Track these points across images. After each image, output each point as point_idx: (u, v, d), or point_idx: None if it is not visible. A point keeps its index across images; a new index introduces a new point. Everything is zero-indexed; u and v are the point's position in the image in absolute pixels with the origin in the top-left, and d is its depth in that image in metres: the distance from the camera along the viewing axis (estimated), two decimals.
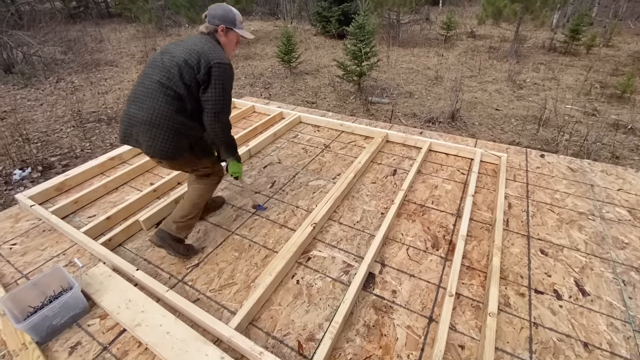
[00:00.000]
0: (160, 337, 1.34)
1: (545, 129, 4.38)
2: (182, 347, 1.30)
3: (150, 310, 1.44)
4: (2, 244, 1.92)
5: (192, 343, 1.31)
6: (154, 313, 1.43)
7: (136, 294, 1.52)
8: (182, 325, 1.38)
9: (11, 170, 3.70)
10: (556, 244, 1.82)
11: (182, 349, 1.29)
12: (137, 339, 1.38)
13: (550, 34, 9.13)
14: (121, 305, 1.48)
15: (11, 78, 7.12)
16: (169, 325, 1.38)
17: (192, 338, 1.33)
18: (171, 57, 1.49)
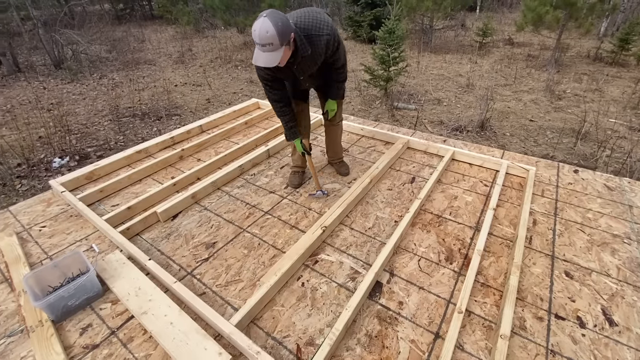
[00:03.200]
0: (164, 327, 1.37)
1: (584, 143, 4.09)
2: (182, 338, 1.32)
3: (157, 299, 1.48)
4: (33, 225, 2.05)
5: (192, 336, 1.33)
6: (161, 303, 1.46)
7: (146, 283, 1.57)
8: (186, 317, 1.41)
9: (52, 158, 3.98)
10: (584, 267, 1.68)
11: (183, 341, 1.31)
12: (143, 326, 1.42)
13: (597, 43, 8.56)
14: (131, 292, 1.53)
15: (60, 73, 7.69)
16: (173, 316, 1.41)
17: (193, 331, 1.35)
18: None
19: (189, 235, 1.95)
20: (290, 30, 1.56)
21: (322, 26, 1.71)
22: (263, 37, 1.48)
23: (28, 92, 6.50)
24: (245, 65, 8.28)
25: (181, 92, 6.46)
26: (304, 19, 1.71)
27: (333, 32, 1.75)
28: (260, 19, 1.50)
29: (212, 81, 7.11)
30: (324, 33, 1.72)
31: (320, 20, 1.72)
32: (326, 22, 1.73)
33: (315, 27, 1.70)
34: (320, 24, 1.71)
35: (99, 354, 1.34)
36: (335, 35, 1.77)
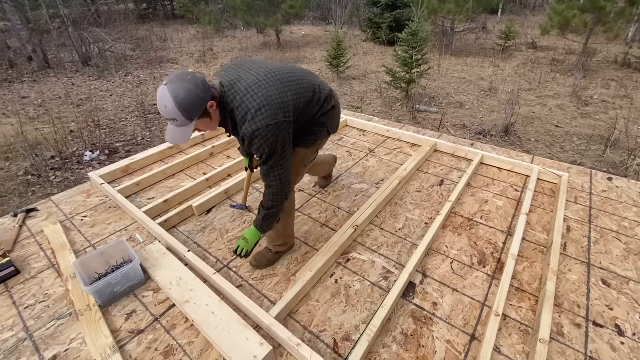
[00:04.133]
0: (206, 316, 1.42)
1: (613, 150, 3.99)
2: (225, 328, 1.37)
3: (198, 289, 1.54)
4: (75, 215, 2.15)
5: (234, 326, 1.38)
6: (202, 293, 1.52)
7: (186, 273, 1.63)
8: (226, 307, 1.45)
9: (83, 151, 4.13)
10: (621, 276, 1.66)
11: (225, 330, 1.36)
12: (185, 314, 1.47)
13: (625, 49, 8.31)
14: (173, 282, 1.59)
15: (87, 70, 7.96)
16: (214, 306, 1.46)
17: (234, 321, 1.39)
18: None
19: (223, 229, 2.00)
20: (204, 101, 1.17)
21: (257, 115, 1.21)
22: (163, 111, 1.15)
23: (58, 87, 6.76)
24: None
25: None
26: (246, 92, 1.24)
27: (269, 131, 1.22)
28: (161, 86, 1.15)
29: None
30: (254, 126, 1.21)
31: (263, 104, 1.22)
32: (270, 111, 1.22)
33: (244, 110, 1.22)
34: (257, 109, 1.21)
35: (144, 339, 1.40)
36: (269, 136, 1.22)
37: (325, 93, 1.50)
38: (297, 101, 1.34)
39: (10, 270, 1.68)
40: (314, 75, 1.53)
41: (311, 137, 1.54)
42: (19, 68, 8.04)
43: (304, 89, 1.39)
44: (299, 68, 1.49)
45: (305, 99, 1.39)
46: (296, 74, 1.40)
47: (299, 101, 1.35)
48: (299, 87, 1.37)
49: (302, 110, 1.39)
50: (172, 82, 1.15)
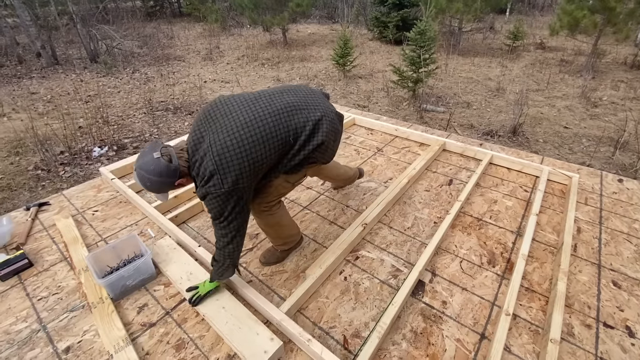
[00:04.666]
0: (216, 311, 1.44)
1: (622, 152, 3.95)
2: (235, 322, 1.38)
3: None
4: (86, 209, 2.17)
5: (244, 320, 1.39)
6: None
7: (197, 268, 1.64)
8: (237, 302, 1.47)
9: (92, 147, 4.17)
10: (632, 278, 1.65)
11: (236, 325, 1.37)
12: (196, 309, 1.49)
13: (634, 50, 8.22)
14: (183, 277, 1.61)
15: (95, 66, 8.02)
16: (224, 301, 1.47)
17: (245, 316, 1.41)
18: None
19: None
20: (171, 183, 1.25)
21: (208, 181, 1.20)
22: (144, 188, 1.26)
23: (66, 83, 6.82)
24: (272, 63, 8.40)
25: (210, 88, 6.62)
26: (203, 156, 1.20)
27: (215, 197, 1.21)
28: (134, 173, 1.24)
29: (240, 78, 7.25)
30: (203, 191, 1.23)
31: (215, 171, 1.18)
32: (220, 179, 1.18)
33: (200, 176, 1.22)
34: (209, 177, 1.19)
35: (156, 332, 1.42)
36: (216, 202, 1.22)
37: (307, 132, 1.33)
38: (258, 162, 1.24)
39: (24, 263, 1.70)
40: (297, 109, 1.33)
41: (295, 168, 1.39)
42: (27, 64, 8.12)
43: (272, 145, 1.26)
44: (280, 104, 1.30)
45: (272, 156, 1.29)
46: (268, 123, 1.25)
47: (261, 162, 1.25)
48: (265, 144, 1.24)
49: (270, 165, 1.32)
50: (138, 168, 1.21)
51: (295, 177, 1.46)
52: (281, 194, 1.53)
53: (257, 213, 1.54)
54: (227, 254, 1.34)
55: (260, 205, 1.50)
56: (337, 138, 1.48)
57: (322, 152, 1.40)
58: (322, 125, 1.36)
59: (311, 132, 1.34)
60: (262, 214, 1.54)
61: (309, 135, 1.34)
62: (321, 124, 1.36)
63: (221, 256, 1.36)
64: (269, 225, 1.60)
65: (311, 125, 1.34)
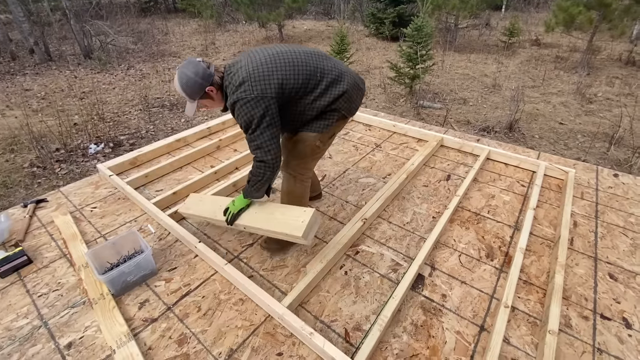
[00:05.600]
0: (252, 217, 1.62)
1: (617, 148, 4.00)
2: (269, 217, 1.56)
3: None
4: (84, 206, 2.16)
5: (276, 210, 1.59)
6: None
7: (225, 201, 1.78)
8: (264, 204, 1.66)
9: (88, 144, 4.13)
10: (628, 270, 1.68)
11: (269, 218, 1.56)
12: (197, 304, 1.49)
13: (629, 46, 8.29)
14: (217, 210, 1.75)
15: (89, 63, 7.92)
16: (255, 208, 1.66)
17: (274, 208, 1.61)
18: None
19: None
20: (202, 86, 1.37)
21: (238, 89, 1.34)
22: (177, 91, 1.42)
23: (60, 80, 6.74)
24: None
25: None
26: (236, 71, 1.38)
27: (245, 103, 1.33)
28: (176, 70, 1.41)
29: None
30: (233, 97, 1.36)
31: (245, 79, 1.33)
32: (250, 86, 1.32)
33: (231, 86, 1.38)
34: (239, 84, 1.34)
35: (158, 327, 1.42)
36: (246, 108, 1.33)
37: (332, 76, 1.46)
38: (286, 80, 1.38)
39: (23, 259, 1.69)
40: (326, 57, 1.51)
41: (321, 122, 1.51)
42: (21, 60, 8.00)
43: (299, 71, 1.40)
44: (310, 51, 1.49)
45: (299, 81, 1.40)
46: (299, 56, 1.43)
47: (287, 81, 1.38)
48: (294, 68, 1.40)
49: (292, 90, 1.40)
50: (180, 68, 1.40)
51: (325, 135, 1.56)
52: (315, 157, 1.66)
53: (293, 176, 1.66)
54: (266, 166, 1.43)
55: (298, 168, 1.63)
56: (360, 95, 1.60)
57: (346, 101, 1.51)
58: (345, 76, 1.50)
59: (336, 78, 1.47)
60: (296, 179, 1.66)
61: (333, 80, 1.47)
62: (345, 76, 1.50)
63: (259, 168, 1.45)
64: (293, 194, 1.69)
65: (337, 72, 1.48)
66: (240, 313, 1.47)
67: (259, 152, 1.41)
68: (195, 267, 1.70)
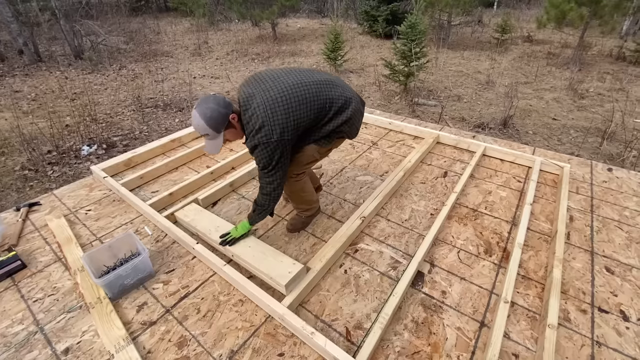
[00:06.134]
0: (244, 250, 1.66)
1: (609, 143, 4.05)
2: (261, 256, 1.61)
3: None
4: (79, 209, 2.13)
5: (269, 253, 1.62)
6: None
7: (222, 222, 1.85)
8: (261, 242, 1.70)
9: (80, 146, 4.07)
10: (624, 263, 1.70)
11: (261, 257, 1.60)
12: (196, 306, 1.48)
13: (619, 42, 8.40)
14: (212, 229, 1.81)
15: (80, 63, 7.81)
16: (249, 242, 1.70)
17: (269, 250, 1.65)
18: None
19: (230, 221, 2.00)
20: (226, 115, 1.39)
21: (258, 132, 1.39)
22: (197, 129, 1.40)
23: (51, 81, 6.63)
24: (262, 58, 8.31)
25: (200, 84, 6.52)
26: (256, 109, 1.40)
27: (265, 147, 1.40)
28: (193, 110, 1.40)
29: (230, 74, 7.16)
30: (254, 141, 1.41)
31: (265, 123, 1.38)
32: (270, 130, 1.38)
33: (251, 126, 1.42)
34: (260, 127, 1.39)
35: (156, 330, 1.41)
36: (266, 151, 1.41)
37: (339, 104, 1.54)
38: (300, 119, 1.45)
39: (17, 264, 1.66)
40: (333, 84, 1.55)
41: (323, 139, 1.61)
42: (9, 62, 7.86)
43: (312, 107, 1.47)
44: (320, 80, 1.52)
45: (311, 116, 1.49)
46: (310, 89, 1.47)
47: (302, 119, 1.46)
48: (307, 105, 1.46)
49: (307, 126, 1.51)
50: (198, 105, 1.39)
51: (324, 148, 1.66)
52: (310, 164, 1.70)
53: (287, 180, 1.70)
54: (273, 199, 1.56)
55: (291, 173, 1.68)
56: (360, 119, 1.70)
57: (350, 126, 1.61)
58: (351, 103, 1.58)
59: (342, 106, 1.55)
60: (290, 180, 1.72)
61: (340, 108, 1.55)
62: (350, 102, 1.58)
63: (266, 201, 1.57)
64: (294, 192, 1.79)
65: (343, 100, 1.56)
66: (240, 314, 1.46)
67: (270, 187, 1.53)
68: (194, 268, 1.69)
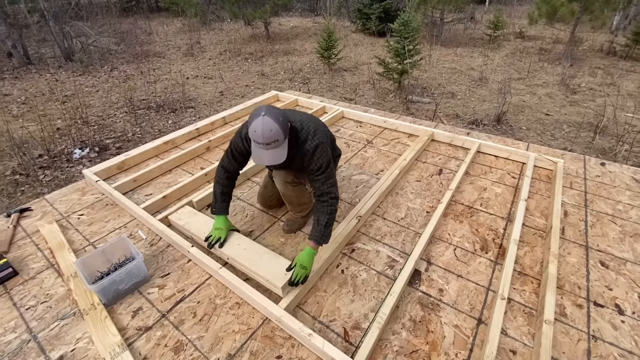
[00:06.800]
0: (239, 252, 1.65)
1: (602, 137, 4.09)
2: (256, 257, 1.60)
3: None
4: (71, 213, 2.10)
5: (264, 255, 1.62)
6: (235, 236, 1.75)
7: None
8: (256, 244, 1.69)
9: (72, 149, 4.02)
10: (618, 257, 1.71)
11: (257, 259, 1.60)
12: (192, 309, 1.46)
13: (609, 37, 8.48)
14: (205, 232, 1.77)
15: (71, 65, 7.70)
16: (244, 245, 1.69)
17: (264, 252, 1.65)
18: None
19: None
20: (287, 122, 1.45)
21: (316, 134, 1.54)
22: (267, 137, 1.35)
23: (41, 84, 6.53)
24: (255, 58, 8.27)
25: (193, 85, 6.47)
26: (302, 119, 1.57)
27: (324, 146, 1.54)
28: (259, 118, 1.35)
29: (224, 74, 7.11)
30: (316, 141, 1.52)
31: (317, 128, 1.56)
32: (322, 133, 1.58)
33: (306, 130, 1.54)
34: (315, 131, 1.55)
35: (152, 335, 1.39)
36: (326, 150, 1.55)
37: (332, 134, 1.83)
38: (328, 134, 1.70)
39: (8, 272, 1.63)
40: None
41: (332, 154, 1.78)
42: None
43: (326, 129, 1.72)
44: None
45: (328, 136, 1.71)
46: (319, 119, 1.72)
47: (328, 134, 1.71)
48: (324, 127, 1.70)
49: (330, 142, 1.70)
50: (268, 111, 1.38)
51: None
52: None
53: (287, 184, 1.77)
54: (337, 200, 1.58)
55: (293, 179, 1.76)
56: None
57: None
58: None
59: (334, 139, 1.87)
60: (289, 186, 1.78)
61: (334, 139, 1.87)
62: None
63: (335, 205, 1.55)
64: (292, 196, 1.82)
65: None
66: (237, 317, 1.45)
67: (334, 189, 1.55)
68: (189, 272, 1.67)
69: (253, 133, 1.36)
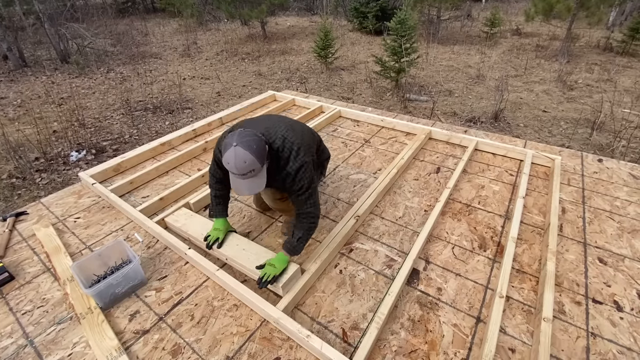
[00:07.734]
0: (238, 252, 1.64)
1: (599, 133, 4.09)
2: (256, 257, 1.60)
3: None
4: (67, 217, 2.08)
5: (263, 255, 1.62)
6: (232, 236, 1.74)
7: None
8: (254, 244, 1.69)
9: (68, 152, 4.00)
10: (616, 254, 1.71)
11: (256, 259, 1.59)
12: (190, 312, 1.45)
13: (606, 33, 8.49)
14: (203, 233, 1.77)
15: (67, 67, 7.67)
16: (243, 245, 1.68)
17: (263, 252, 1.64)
18: None
19: None
20: (264, 145, 1.35)
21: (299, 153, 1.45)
22: (241, 168, 1.26)
23: (37, 86, 6.50)
24: (252, 58, 8.25)
25: (190, 86, 6.45)
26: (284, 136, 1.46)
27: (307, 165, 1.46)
28: (230, 149, 1.26)
29: (221, 74, 7.09)
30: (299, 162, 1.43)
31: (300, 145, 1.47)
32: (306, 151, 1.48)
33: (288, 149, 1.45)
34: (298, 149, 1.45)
35: (150, 338, 1.38)
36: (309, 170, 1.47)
37: (319, 138, 1.81)
38: (312, 145, 1.65)
39: (4, 276, 1.62)
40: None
41: (320, 170, 1.81)
42: None
43: (311, 136, 1.69)
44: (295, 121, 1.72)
45: (314, 144, 1.69)
46: (303, 125, 1.71)
47: (313, 144, 1.66)
48: (309, 135, 1.67)
49: (315, 151, 1.69)
50: (240, 142, 1.28)
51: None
52: None
53: (277, 201, 1.77)
54: (318, 217, 1.56)
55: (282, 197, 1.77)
56: None
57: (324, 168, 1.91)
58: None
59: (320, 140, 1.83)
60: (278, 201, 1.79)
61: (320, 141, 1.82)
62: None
63: (314, 223, 1.53)
64: (285, 206, 1.81)
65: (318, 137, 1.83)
66: (235, 319, 1.44)
67: (314, 209, 1.52)
68: (186, 274, 1.66)
69: (227, 164, 1.28)
